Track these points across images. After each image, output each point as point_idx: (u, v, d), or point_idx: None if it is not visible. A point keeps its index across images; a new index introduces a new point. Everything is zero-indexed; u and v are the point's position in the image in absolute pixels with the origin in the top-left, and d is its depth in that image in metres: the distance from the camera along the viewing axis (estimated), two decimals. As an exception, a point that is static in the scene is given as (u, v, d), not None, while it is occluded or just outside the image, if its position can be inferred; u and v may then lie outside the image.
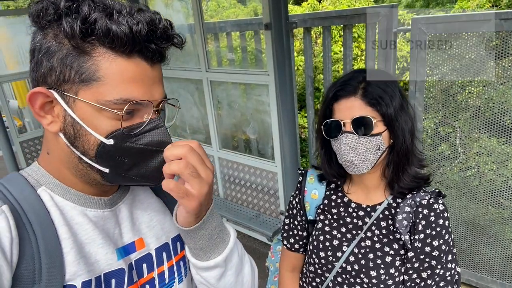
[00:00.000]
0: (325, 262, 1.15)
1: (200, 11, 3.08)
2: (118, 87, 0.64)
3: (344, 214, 1.16)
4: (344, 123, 1.02)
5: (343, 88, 1.04)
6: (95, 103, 0.64)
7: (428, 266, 1.03)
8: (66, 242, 0.68)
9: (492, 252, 2.51)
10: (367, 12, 2.53)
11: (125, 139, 0.67)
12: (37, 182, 0.72)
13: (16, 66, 4.34)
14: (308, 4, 6.23)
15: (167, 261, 0.84)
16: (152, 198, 0.88)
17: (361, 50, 5.03)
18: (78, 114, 0.65)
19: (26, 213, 0.65)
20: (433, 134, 2.52)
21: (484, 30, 2.10)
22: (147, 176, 0.71)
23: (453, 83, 2.33)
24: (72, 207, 0.72)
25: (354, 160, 1.02)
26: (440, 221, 1.03)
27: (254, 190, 3.37)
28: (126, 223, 0.80)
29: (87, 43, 0.62)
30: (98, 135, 0.66)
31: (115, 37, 0.61)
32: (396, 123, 1.02)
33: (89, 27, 0.61)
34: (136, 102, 0.65)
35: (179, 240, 0.88)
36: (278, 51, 2.66)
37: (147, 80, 0.67)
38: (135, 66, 0.65)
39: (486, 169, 2.43)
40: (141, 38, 0.63)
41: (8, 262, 0.59)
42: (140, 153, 0.68)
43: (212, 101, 3.35)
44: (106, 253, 0.73)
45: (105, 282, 0.71)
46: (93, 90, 0.64)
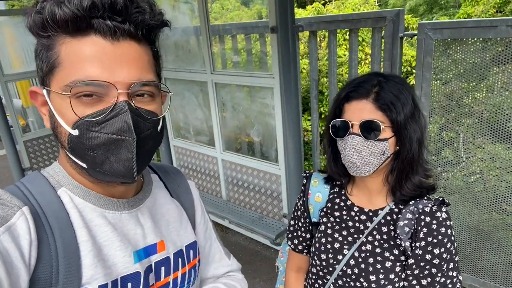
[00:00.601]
0: (326, 265, 1.16)
1: (206, 13, 3.09)
2: (73, 69, 0.61)
3: (347, 217, 1.16)
4: (352, 125, 1.02)
5: (356, 90, 1.03)
6: (59, 90, 0.63)
7: (429, 273, 1.03)
8: (85, 244, 0.67)
9: (495, 258, 2.50)
10: (374, 16, 2.54)
11: (89, 127, 0.62)
12: (58, 183, 0.71)
13: (21, 65, 4.36)
14: (312, 7, 6.24)
15: (181, 267, 0.84)
16: (170, 204, 0.88)
17: (365, 54, 5.03)
18: (54, 105, 0.65)
19: (46, 215, 0.65)
20: (437, 139, 2.52)
21: (491, 36, 2.11)
22: (120, 171, 0.64)
23: (457, 88, 2.33)
24: (92, 208, 0.71)
25: (357, 162, 1.02)
26: (442, 229, 1.03)
27: (257, 192, 3.37)
28: (149, 224, 0.79)
29: (48, 34, 0.62)
30: (66, 125, 0.63)
31: (60, 19, 0.60)
32: (404, 131, 1.01)
33: (42, 18, 0.61)
34: (90, 82, 0.60)
35: (192, 248, 0.88)
36: (284, 54, 2.66)
37: (107, 59, 0.61)
38: (90, 44, 0.61)
39: (490, 175, 2.43)
40: (88, 16, 0.59)
41: (26, 265, 0.59)
42: (107, 144, 0.62)
43: (217, 103, 3.36)
44: (124, 256, 0.72)
45: (122, 285, 0.71)
46: (57, 77, 0.63)
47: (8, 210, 0.61)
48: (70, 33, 0.61)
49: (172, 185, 0.92)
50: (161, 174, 0.91)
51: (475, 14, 6.46)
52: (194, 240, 0.89)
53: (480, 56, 2.18)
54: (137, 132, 0.63)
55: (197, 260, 0.89)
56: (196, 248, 0.89)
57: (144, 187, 0.83)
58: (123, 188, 0.75)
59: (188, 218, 0.91)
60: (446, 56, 2.28)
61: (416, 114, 1.04)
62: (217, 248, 1.03)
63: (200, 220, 0.97)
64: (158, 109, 0.70)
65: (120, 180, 0.67)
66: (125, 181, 0.68)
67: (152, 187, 0.85)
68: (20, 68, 4.27)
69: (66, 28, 0.61)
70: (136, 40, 0.65)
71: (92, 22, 0.60)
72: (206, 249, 1.00)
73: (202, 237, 0.98)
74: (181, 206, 0.90)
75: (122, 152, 0.63)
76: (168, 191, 0.90)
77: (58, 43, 0.63)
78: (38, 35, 0.63)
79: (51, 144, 4.08)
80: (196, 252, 0.89)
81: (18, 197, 0.64)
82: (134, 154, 0.63)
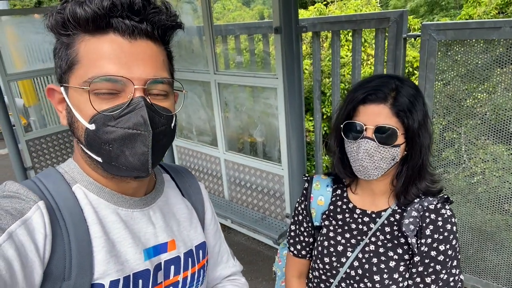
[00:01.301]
0: (330, 268, 1.15)
1: (209, 13, 3.10)
2: (92, 66, 0.63)
3: (349, 220, 1.16)
4: (366, 128, 1.00)
5: (375, 93, 1.00)
6: (78, 86, 0.65)
7: (433, 271, 1.03)
8: (98, 240, 0.68)
9: (498, 258, 2.51)
10: (377, 17, 2.54)
11: (106, 122, 0.63)
12: (73, 179, 0.72)
13: (23, 65, 4.37)
14: (315, 8, 6.25)
15: (191, 267, 0.85)
16: (181, 203, 0.88)
17: (367, 55, 5.04)
18: (71, 101, 0.67)
19: (61, 210, 0.66)
20: (439, 140, 2.53)
21: (494, 38, 2.11)
22: (135, 165, 0.65)
23: (459, 89, 2.34)
24: (106, 205, 0.73)
25: (368, 166, 1.02)
26: (448, 226, 1.03)
27: (260, 192, 3.37)
28: (160, 223, 0.80)
29: (68, 33, 0.64)
30: (83, 120, 0.65)
31: (81, 18, 0.62)
32: (417, 138, 1.01)
33: (63, 17, 0.63)
34: (109, 77, 0.62)
35: (201, 249, 0.89)
36: (288, 55, 2.67)
37: (124, 57, 0.63)
38: (108, 42, 0.63)
39: (492, 176, 2.44)
40: (108, 15, 0.62)
41: (40, 258, 0.60)
42: (122, 138, 0.64)
43: (220, 103, 3.37)
44: (135, 253, 0.73)
45: (133, 282, 0.72)
46: (75, 74, 0.65)
47: (24, 204, 0.62)
48: (90, 31, 0.64)
49: (184, 185, 0.93)
50: (173, 173, 0.93)
51: (477, 15, 6.47)
52: (203, 241, 0.90)
53: (482, 57, 2.18)
54: (152, 126, 0.64)
55: (205, 261, 0.90)
56: (205, 248, 0.90)
57: (157, 186, 0.84)
58: (136, 184, 0.76)
59: (198, 218, 0.92)
60: (449, 57, 2.29)
61: (426, 121, 1.04)
62: (225, 249, 1.05)
63: (210, 221, 0.98)
64: (171, 107, 0.71)
65: (134, 174, 0.68)
66: (139, 175, 0.69)
67: (164, 187, 0.87)
68: (22, 67, 4.28)
69: (86, 27, 0.63)
70: (152, 39, 0.67)
71: (111, 21, 0.62)
72: (215, 250, 1.01)
73: (212, 238, 0.99)
74: (192, 206, 0.91)
75: (138, 146, 0.64)
76: (179, 191, 0.91)
77: (77, 41, 0.64)
78: (59, 33, 0.65)
79: (53, 144, 4.09)
80: (205, 252, 0.90)
81: (34, 191, 0.66)
82: (149, 148, 0.64)
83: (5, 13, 4.47)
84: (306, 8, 7.02)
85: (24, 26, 4.26)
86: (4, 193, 0.64)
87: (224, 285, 1.02)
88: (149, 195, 0.80)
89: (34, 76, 4.66)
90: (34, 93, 5.69)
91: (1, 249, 0.55)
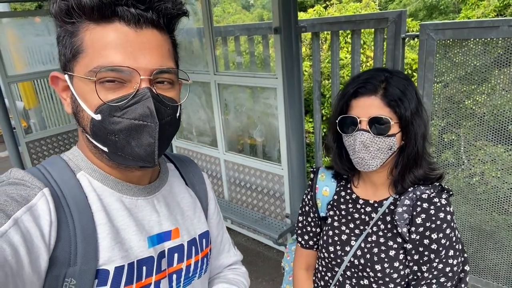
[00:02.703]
0: (335, 257, 1.18)
1: (209, 15, 3.12)
2: (97, 55, 0.63)
3: (353, 210, 1.19)
4: (360, 121, 1.03)
5: (365, 86, 1.04)
6: (83, 75, 0.64)
7: (428, 259, 1.03)
8: (103, 227, 0.69)
9: (498, 258, 2.51)
10: (376, 17, 2.56)
11: (111, 113, 0.63)
12: (77, 167, 0.73)
13: (24, 67, 4.38)
14: (314, 10, 6.29)
15: (194, 255, 0.86)
16: (185, 192, 0.89)
17: (366, 57, 5.06)
18: (76, 90, 0.67)
19: (66, 197, 0.67)
20: (438, 141, 2.54)
21: (493, 37, 2.13)
22: (141, 155, 0.66)
23: (458, 90, 2.35)
24: (110, 193, 0.73)
25: (365, 157, 1.04)
26: (440, 214, 1.03)
27: (259, 193, 3.38)
28: (164, 211, 0.81)
29: (72, 21, 0.64)
30: (89, 110, 0.65)
31: (86, 6, 0.61)
32: (411, 126, 1.03)
33: (67, 4, 0.62)
34: (114, 67, 0.62)
35: (205, 237, 0.90)
36: (287, 55, 2.68)
37: (129, 46, 0.63)
38: (113, 31, 0.63)
39: (491, 176, 2.44)
40: (113, 3, 0.61)
41: (46, 244, 0.61)
42: (129, 129, 0.64)
43: (220, 103, 3.38)
44: (139, 240, 0.74)
45: (138, 268, 0.72)
46: (81, 63, 0.65)
47: (29, 191, 0.63)
48: (95, 20, 0.63)
49: (188, 175, 0.93)
50: (177, 163, 0.93)
51: (476, 17, 6.51)
52: (206, 230, 0.91)
53: (481, 58, 2.20)
54: (159, 117, 0.64)
55: (209, 249, 0.91)
56: (208, 237, 0.91)
57: (161, 175, 0.85)
58: (140, 173, 0.76)
59: (201, 208, 0.92)
60: (447, 59, 2.30)
61: (420, 109, 1.06)
62: (227, 239, 1.06)
63: (213, 210, 0.99)
64: (176, 96, 0.72)
65: (140, 164, 0.68)
66: (145, 165, 0.69)
67: (169, 176, 0.87)
68: (23, 69, 4.29)
69: (91, 15, 0.62)
70: (158, 28, 0.67)
71: (116, 9, 0.62)
72: (218, 239, 1.02)
73: (215, 227, 1.00)
74: (196, 195, 0.92)
75: (144, 137, 0.64)
76: (183, 180, 0.91)
77: (82, 30, 0.64)
78: (63, 21, 0.65)
79: (53, 146, 4.09)
80: (208, 241, 0.91)
81: (39, 178, 0.66)
82: (156, 139, 0.64)
83: (6, 15, 4.49)
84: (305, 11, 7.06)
85: (25, 28, 4.28)
86: (9, 180, 0.64)
87: (226, 273, 1.04)
88: (153, 184, 0.81)
89: (34, 78, 4.67)
90: (34, 95, 5.70)
91: (7, 235, 0.56)
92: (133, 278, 0.71)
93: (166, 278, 0.79)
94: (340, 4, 6.89)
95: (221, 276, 1.03)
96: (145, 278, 0.74)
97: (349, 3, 6.67)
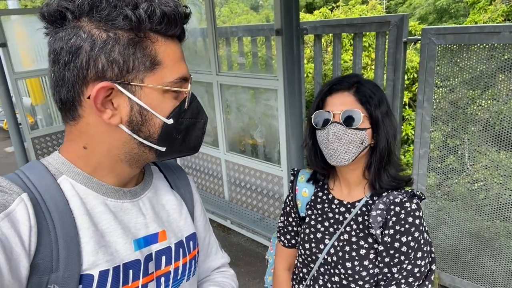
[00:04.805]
0: (310, 254, 1.24)
1: (213, 15, 3.14)
2: (174, 67, 0.70)
3: (328, 210, 1.24)
4: (333, 115, 1.11)
5: (340, 83, 1.14)
6: (161, 86, 0.68)
7: (398, 261, 1.09)
8: (86, 231, 0.68)
9: (496, 265, 2.49)
10: (378, 21, 2.56)
11: (180, 115, 0.73)
12: (58, 171, 0.71)
13: (32, 64, 4.44)
14: (320, 12, 6.28)
15: (182, 258, 0.85)
16: (170, 195, 0.89)
17: (371, 60, 5.05)
18: (145, 100, 0.68)
19: (46, 202, 0.65)
20: (441, 146, 2.52)
21: (494, 42, 2.11)
22: (191, 147, 0.78)
23: (462, 95, 2.34)
24: (94, 196, 0.72)
25: (338, 149, 1.10)
26: (409, 219, 1.09)
27: (259, 193, 3.39)
28: (150, 214, 0.80)
29: (142, 31, 0.65)
30: (162, 117, 0.70)
31: (168, 21, 0.67)
32: (382, 124, 1.12)
33: (149, 15, 0.64)
34: (186, 77, 0.72)
35: (192, 240, 0.90)
36: (288, 57, 2.69)
37: (184, 58, 0.74)
38: (177, 46, 0.72)
39: (494, 183, 2.42)
40: (179, 21, 0.69)
41: (26, 250, 0.60)
42: (188, 127, 0.75)
43: (221, 104, 3.39)
44: (125, 243, 0.73)
45: (124, 272, 0.72)
46: (157, 75, 0.68)
47: (7, 197, 0.61)
48: (164, 33, 0.68)
49: (172, 177, 0.93)
50: (161, 166, 0.93)
51: (483, 21, 6.44)
52: (193, 232, 0.91)
53: (485, 63, 2.18)
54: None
55: (196, 252, 0.91)
56: (195, 239, 0.91)
57: (146, 178, 0.85)
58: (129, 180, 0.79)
59: (187, 210, 0.92)
60: (452, 64, 2.29)
61: (389, 113, 1.15)
62: (214, 241, 1.06)
63: (200, 212, 0.99)
64: None
65: (189, 154, 0.81)
66: (191, 154, 0.81)
67: (153, 179, 0.87)
68: (30, 66, 4.35)
69: (163, 27, 0.67)
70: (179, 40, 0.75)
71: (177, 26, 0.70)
72: (205, 242, 1.02)
73: (202, 230, 1.00)
74: (181, 197, 0.92)
75: (198, 131, 0.78)
76: (168, 183, 0.91)
77: (154, 41, 0.67)
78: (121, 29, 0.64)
79: (58, 142, 4.14)
80: (196, 243, 0.91)
81: (17, 184, 0.65)
82: (204, 131, 0.79)
83: (15, 12, 4.55)
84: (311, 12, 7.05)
85: (34, 25, 4.33)
86: None
87: (215, 276, 1.03)
88: (138, 186, 0.81)
89: (41, 75, 4.73)
90: (41, 92, 5.78)
91: None
92: (119, 282, 0.70)
93: (153, 281, 0.78)
94: (346, 7, 6.88)
95: (210, 279, 1.02)
96: (132, 282, 0.73)
97: (355, 6, 6.65)
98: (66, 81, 0.65)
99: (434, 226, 2.69)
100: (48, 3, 0.64)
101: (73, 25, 0.64)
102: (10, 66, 3.69)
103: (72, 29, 0.64)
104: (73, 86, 0.65)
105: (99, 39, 0.63)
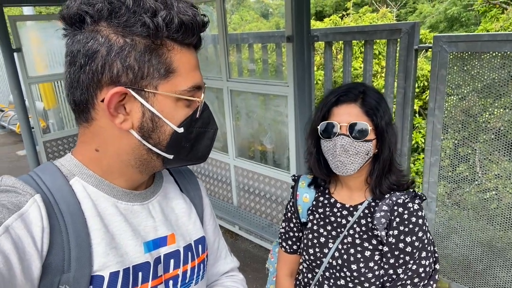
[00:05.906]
0: (314, 258, 1.25)
1: (224, 22, 3.17)
2: (188, 76, 0.69)
3: (330, 213, 1.25)
4: (340, 126, 1.11)
5: (346, 94, 1.14)
6: (174, 94, 0.68)
7: (403, 262, 1.10)
8: (97, 233, 0.68)
9: (508, 275, 2.45)
10: (389, 28, 2.56)
11: (191, 124, 0.72)
12: (70, 173, 0.72)
13: (45, 69, 4.51)
14: (330, 20, 6.30)
15: (191, 261, 0.85)
16: (180, 198, 0.89)
17: (381, 67, 5.04)
18: (158, 107, 0.67)
19: (58, 203, 0.66)
20: (452, 154, 2.50)
21: (507, 51, 2.10)
22: (199, 156, 0.77)
23: (474, 103, 2.32)
24: (106, 198, 0.73)
25: (345, 161, 1.11)
26: (413, 219, 1.11)
27: (268, 199, 3.38)
28: (160, 217, 0.81)
29: (159, 38, 0.65)
30: (173, 125, 0.70)
31: (186, 30, 0.66)
32: (386, 134, 1.13)
33: (167, 23, 0.64)
34: (200, 86, 0.72)
35: (201, 243, 0.90)
36: (299, 63, 2.70)
37: (198, 66, 0.73)
38: (193, 54, 0.71)
39: (506, 192, 2.39)
40: (197, 30, 0.69)
41: (38, 251, 0.60)
42: (197, 136, 0.74)
43: (231, 110, 3.41)
44: (135, 245, 0.74)
45: (133, 274, 0.72)
46: (171, 82, 0.68)
47: (21, 197, 0.62)
48: (180, 41, 0.68)
49: (182, 181, 0.94)
50: (172, 169, 0.93)
51: (496, 30, 6.40)
52: (202, 235, 0.91)
53: (497, 72, 2.16)
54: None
55: (205, 255, 0.91)
56: (204, 243, 0.91)
57: (156, 181, 0.85)
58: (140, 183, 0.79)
59: (197, 214, 0.92)
60: (464, 72, 2.27)
61: (391, 122, 1.16)
62: (223, 245, 1.06)
63: (209, 216, 0.99)
64: None
65: (196, 163, 0.80)
66: (198, 163, 0.81)
67: (163, 182, 0.88)
68: (44, 71, 4.42)
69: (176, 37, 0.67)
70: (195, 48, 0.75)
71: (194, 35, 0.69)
72: (215, 246, 1.02)
73: (211, 233, 0.99)
74: (191, 201, 0.92)
75: (207, 141, 0.77)
76: (178, 186, 0.92)
77: (170, 49, 0.67)
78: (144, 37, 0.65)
79: (69, 146, 4.19)
80: (205, 247, 0.91)
81: (30, 185, 0.65)
82: (213, 141, 0.78)
83: (31, 18, 4.65)
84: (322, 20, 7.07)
85: (48, 31, 4.41)
86: (0, 188, 0.64)
87: (224, 281, 1.03)
88: (148, 190, 0.81)
89: (54, 80, 4.81)
90: (54, 97, 5.86)
91: None
92: (129, 283, 0.71)
93: (162, 284, 0.78)
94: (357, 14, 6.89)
95: (219, 283, 1.02)
96: (141, 284, 0.73)
97: (366, 14, 6.66)
98: (80, 83, 0.66)
99: (445, 235, 2.65)
100: (68, 5, 0.64)
101: (92, 28, 0.64)
102: (24, 70, 3.75)
103: (90, 33, 0.64)
104: (87, 89, 0.66)
105: (116, 44, 0.63)
